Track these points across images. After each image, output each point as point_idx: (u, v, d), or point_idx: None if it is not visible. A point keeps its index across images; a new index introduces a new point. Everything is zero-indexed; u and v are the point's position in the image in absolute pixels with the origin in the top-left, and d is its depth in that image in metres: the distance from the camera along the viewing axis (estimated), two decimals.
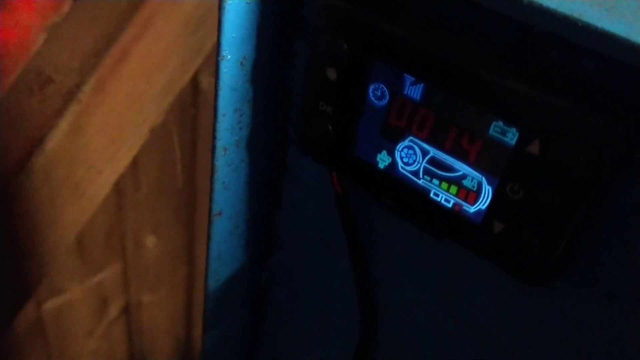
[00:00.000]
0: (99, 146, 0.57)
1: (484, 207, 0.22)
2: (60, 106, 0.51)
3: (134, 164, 0.61)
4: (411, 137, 0.23)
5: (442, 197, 0.23)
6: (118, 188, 0.62)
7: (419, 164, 0.23)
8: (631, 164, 0.20)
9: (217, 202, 0.29)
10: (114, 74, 0.53)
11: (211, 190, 0.29)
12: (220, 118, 0.26)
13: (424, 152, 0.22)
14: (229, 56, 0.25)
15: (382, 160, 0.24)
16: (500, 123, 0.20)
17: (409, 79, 0.22)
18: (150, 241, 0.72)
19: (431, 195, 0.23)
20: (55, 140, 0.53)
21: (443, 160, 0.22)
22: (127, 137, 0.57)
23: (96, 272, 0.68)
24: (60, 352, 0.73)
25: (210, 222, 0.30)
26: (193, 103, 0.61)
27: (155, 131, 0.58)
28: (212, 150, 0.27)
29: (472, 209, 0.22)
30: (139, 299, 0.76)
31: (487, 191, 0.21)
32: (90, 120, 0.54)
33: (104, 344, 0.79)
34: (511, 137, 0.20)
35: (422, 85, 0.22)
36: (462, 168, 0.22)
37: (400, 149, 0.23)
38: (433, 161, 0.22)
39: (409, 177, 0.23)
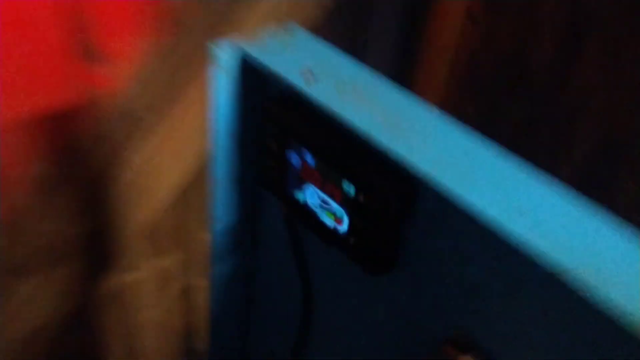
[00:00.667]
0: (171, 163, 0.76)
1: (345, 229, 0.38)
2: (145, 134, 0.71)
3: (198, 176, 0.80)
4: (311, 185, 0.39)
5: (327, 221, 0.39)
6: (185, 194, 0.81)
7: (316, 200, 0.39)
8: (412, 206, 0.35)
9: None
10: (186, 113, 0.72)
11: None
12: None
13: (317, 194, 0.39)
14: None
15: (300, 197, 0.40)
16: (347, 181, 0.36)
17: (307, 154, 0.38)
18: (206, 236, 0.91)
19: (321, 218, 0.39)
20: (141, 158, 0.73)
21: (325, 199, 0.38)
22: (193, 157, 0.76)
23: (163, 257, 0.87)
24: (131, 319, 0.92)
25: None
26: None
27: None
28: None
29: (341, 229, 0.38)
30: (195, 282, 0.94)
31: (345, 220, 0.37)
32: (166, 146, 0.74)
33: (166, 316, 0.98)
34: (352, 190, 0.36)
35: (314, 158, 0.38)
36: (334, 205, 0.38)
37: (306, 191, 0.39)
38: (321, 199, 0.38)
39: (311, 208, 0.39)
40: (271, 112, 0.38)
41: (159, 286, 0.88)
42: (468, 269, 0.33)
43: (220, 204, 0.46)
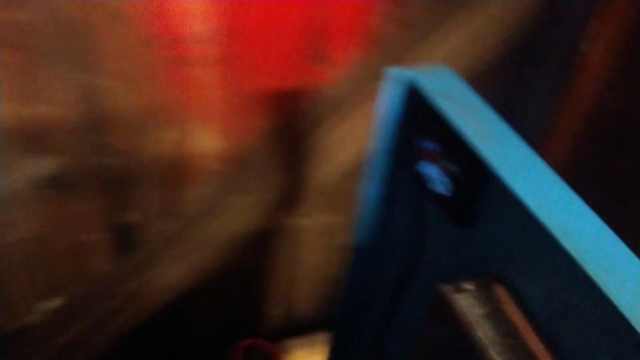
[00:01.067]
0: (352, 143, 1.01)
1: (449, 194, 0.58)
2: (340, 118, 0.97)
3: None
4: (433, 165, 0.60)
5: (438, 188, 0.60)
6: (357, 168, 1.05)
7: (434, 174, 0.60)
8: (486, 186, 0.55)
9: None
10: (368, 110, 0.96)
11: None
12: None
13: (435, 170, 0.60)
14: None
15: (425, 171, 0.62)
16: (454, 163, 0.57)
17: (434, 144, 0.59)
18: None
19: (436, 187, 0.60)
20: (333, 134, 0.99)
21: (440, 174, 0.59)
22: (366, 142, 1.01)
23: (332, 214, 1.13)
24: (297, 254, 1.19)
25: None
26: None
27: None
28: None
29: (446, 194, 0.59)
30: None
31: (450, 188, 0.58)
32: (351, 130, 0.99)
33: (322, 263, 1.22)
34: (456, 169, 0.57)
35: (437, 147, 0.59)
36: (444, 178, 0.59)
37: (429, 168, 0.61)
38: (437, 174, 0.60)
39: (430, 179, 0.61)
40: (417, 116, 0.60)
41: (323, 237, 1.13)
42: (515, 236, 0.52)
43: (374, 179, 0.69)
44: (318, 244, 1.14)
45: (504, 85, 1.03)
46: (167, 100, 0.82)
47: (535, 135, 0.56)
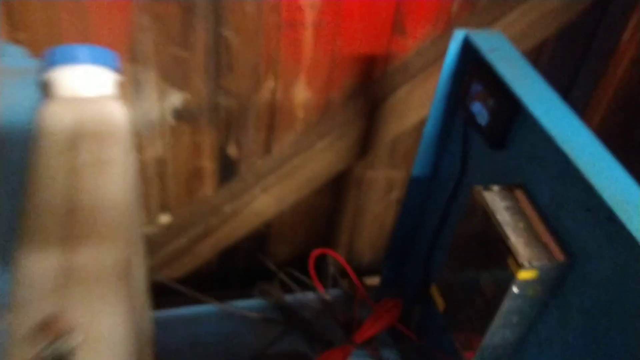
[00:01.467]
0: (418, 103, 1.20)
1: (487, 123, 0.77)
2: (410, 83, 1.17)
3: None
4: (478, 102, 0.79)
5: (480, 120, 0.78)
6: (419, 127, 1.23)
7: (479, 110, 0.79)
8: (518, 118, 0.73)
9: None
10: (434, 75, 1.15)
11: None
12: None
13: (480, 107, 0.78)
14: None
15: (472, 109, 0.80)
16: (493, 100, 0.75)
17: (481, 86, 0.78)
18: None
19: (479, 119, 0.78)
20: (403, 95, 1.19)
21: (483, 108, 0.78)
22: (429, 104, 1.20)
23: (394, 169, 1.32)
24: (360, 202, 1.38)
25: None
26: None
27: None
28: None
29: (485, 124, 0.77)
30: None
31: (488, 118, 0.76)
32: (419, 92, 1.18)
33: (381, 213, 1.41)
34: (495, 104, 0.75)
35: (484, 89, 0.77)
36: (485, 112, 0.77)
37: (475, 106, 0.79)
38: (481, 109, 0.78)
39: (476, 113, 0.79)
40: (471, 66, 0.79)
41: (385, 190, 1.33)
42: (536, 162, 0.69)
43: (433, 119, 0.89)
44: (379, 195, 1.34)
45: (555, 66, 1.20)
46: (273, 56, 1.04)
47: (574, 106, 0.71)
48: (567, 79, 1.22)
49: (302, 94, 1.11)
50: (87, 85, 0.65)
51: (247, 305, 1.16)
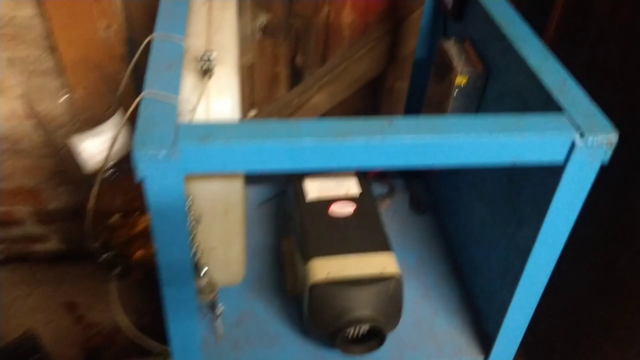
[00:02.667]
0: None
1: (450, 6, 1.23)
2: None
3: None
4: None
5: None
6: None
7: None
8: None
9: None
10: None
11: None
12: None
13: None
14: None
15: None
16: None
17: None
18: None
19: None
20: (415, 15, 1.66)
21: None
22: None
23: None
24: (394, 109, 1.87)
25: None
26: None
27: None
28: None
29: (449, 7, 1.24)
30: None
31: None
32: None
33: None
34: None
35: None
36: None
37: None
38: None
39: None
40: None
41: None
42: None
43: (424, 26, 1.36)
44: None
45: None
46: None
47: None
48: None
49: (348, 17, 1.61)
50: None
51: None
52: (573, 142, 0.79)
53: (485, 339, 1.16)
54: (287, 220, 1.32)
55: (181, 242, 0.81)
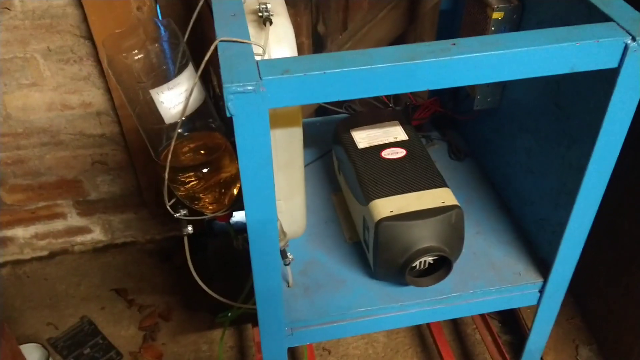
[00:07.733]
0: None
1: None
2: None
3: None
4: None
5: None
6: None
7: None
8: None
9: None
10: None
11: None
12: None
13: None
14: None
15: None
16: None
17: None
18: None
19: None
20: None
21: None
22: None
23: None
24: None
25: None
26: None
27: None
28: None
29: None
30: None
31: None
32: None
33: None
34: None
35: None
36: None
37: None
38: None
39: None
40: None
41: None
42: None
43: None
44: None
45: None
46: None
47: None
48: None
49: None
50: None
51: None
52: (626, 45, 0.83)
53: (541, 264, 1.21)
54: (334, 177, 1.36)
55: (266, 179, 0.85)
